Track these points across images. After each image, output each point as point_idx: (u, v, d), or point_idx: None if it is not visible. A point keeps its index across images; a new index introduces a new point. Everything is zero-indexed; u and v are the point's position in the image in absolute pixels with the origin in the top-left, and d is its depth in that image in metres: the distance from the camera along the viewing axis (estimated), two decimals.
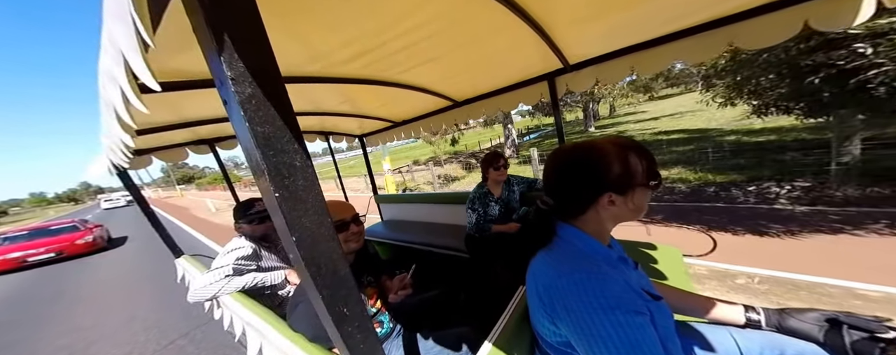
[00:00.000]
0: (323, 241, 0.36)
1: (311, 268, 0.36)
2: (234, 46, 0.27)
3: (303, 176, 0.33)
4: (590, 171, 0.61)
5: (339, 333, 0.40)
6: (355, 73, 1.42)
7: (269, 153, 0.30)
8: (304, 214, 0.34)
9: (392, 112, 2.32)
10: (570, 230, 0.65)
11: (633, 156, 0.59)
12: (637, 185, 0.59)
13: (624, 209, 0.61)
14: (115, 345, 2.82)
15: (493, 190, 1.91)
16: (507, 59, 1.49)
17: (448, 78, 1.68)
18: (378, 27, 1.03)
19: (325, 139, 2.68)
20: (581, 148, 0.63)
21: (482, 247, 1.87)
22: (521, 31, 1.17)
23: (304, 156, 0.33)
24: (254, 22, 0.28)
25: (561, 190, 0.66)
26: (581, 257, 0.60)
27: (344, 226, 1.01)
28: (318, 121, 2.32)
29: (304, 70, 1.28)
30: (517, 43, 1.28)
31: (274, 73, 0.30)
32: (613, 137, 0.62)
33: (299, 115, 1.98)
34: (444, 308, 1.39)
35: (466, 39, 1.22)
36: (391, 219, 3.22)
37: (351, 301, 0.40)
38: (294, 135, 0.32)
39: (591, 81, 1.50)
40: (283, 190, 0.31)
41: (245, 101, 0.28)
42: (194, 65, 0.97)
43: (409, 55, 1.30)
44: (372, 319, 1.06)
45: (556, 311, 0.56)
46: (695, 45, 1.16)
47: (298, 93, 1.56)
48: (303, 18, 0.89)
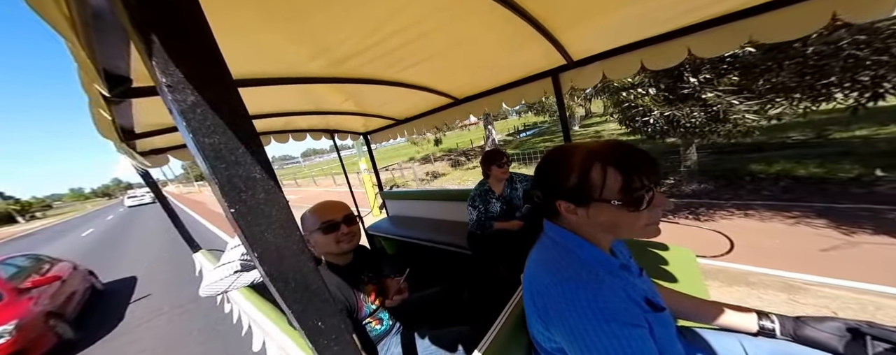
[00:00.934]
0: (290, 256, 0.33)
1: (278, 284, 0.33)
2: (168, 49, 0.23)
3: (263, 188, 0.30)
4: (548, 175, 0.60)
5: (315, 347, 0.38)
6: (354, 72, 1.39)
7: (220, 166, 0.27)
8: (267, 229, 0.31)
9: (394, 110, 2.29)
10: (560, 231, 0.62)
11: (599, 168, 0.53)
12: (594, 200, 0.54)
13: (588, 221, 0.58)
14: None
15: (495, 187, 1.87)
16: (508, 56, 1.42)
17: (447, 76, 1.63)
18: (375, 25, 0.99)
19: (331, 137, 2.67)
20: (557, 150, 0.61)
21: (484, 245, 1.84)
22: (521, 29, 1.11)
23: (263, 167, 0.30)
24: (193, 19, 0.25)
25: (538, 183, 0.65)
26: (578, 264, 0.57)
27: (334, 227, 0.98)
28: (322, 119, 2.31)
29: (303, 70, 1.25)
30: (517, 40, 1.22)
31: (221, 76, 0.27)
32: (604, 143, 0.57)
33: (303, 115, 1.98)
34: (445, 305, 1.37)
35: (464, 37, 1.17)
36: (397, 215, 3.21)
37: (325, 313, 0.38)
38: (251, 145, 0.29)
39: (596, 77, 1.42)
40: (240, 204, 0.29)
41: (187, 111, 0.25)
42: None
43: (406, 54, 1.25)
44: (372, 316, 1.06)
45: (550, 318, 0.54)
46: (710, 38, 1.07)
47: (301, 92, 1.54)
48: (300, 19, 0.86)
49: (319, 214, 0.99)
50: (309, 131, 2.50)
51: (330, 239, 0.97)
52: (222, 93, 0.27)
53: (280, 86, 1.29)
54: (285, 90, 1.40)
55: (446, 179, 9.29)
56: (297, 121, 2.15)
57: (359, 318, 1.00)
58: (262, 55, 1.04)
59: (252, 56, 1.03)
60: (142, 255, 6.70)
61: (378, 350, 1.06)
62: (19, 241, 17.62)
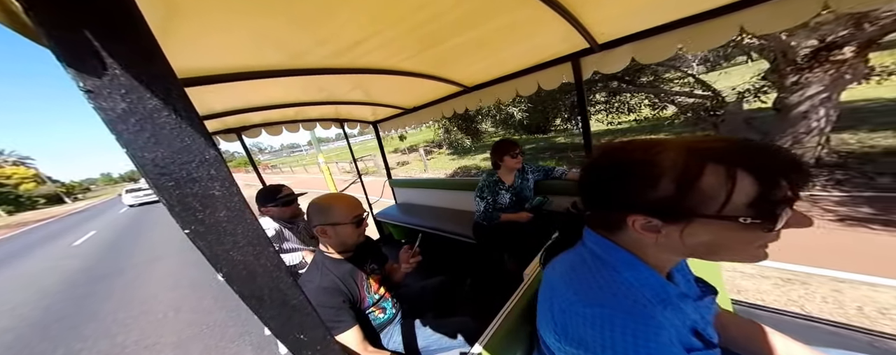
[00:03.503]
0: (263, 273, 0.29)
1: (252, 302, 0.30)
2: (84, 47, 0.18)
3: (226, 205, 0.26)
4: (614, 180, 0.44)
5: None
6: (359, 61, 1.32)
7: (168, 184, 0.22)
8: (233, 248, 0.27)
9: (403, 99, 2.22)
10: (606, 246, 0.48)
11: (720, 173, 0.36)
12: (700, 216, 0.38)
13: (669, 242, 0.41)
14: None
15: (505, 177, 1.79)
16: (523, 42, 1.30)
17: (456, 64, 1.53)
18: (379, 11, 0.91)
19: (340, 126, 2.63)
20: (629, 146, 0.44)
21: (490, 235, 1.79)
22: (538, 10, 1.00)
23: (222, 182, 0.25)
24: (121, 10, 0.20)
25: (590, 192, 0.50)
26: (622, 288, 0.44)
27: (362, 221, 1.00)
28: (333, 109, 2.27)
29: (307, 60, 1.20)
30: (533, 23, 1.11)
31: (164, 78, 0.22)
32: (718, 138, 0.40)
33: (313, 105, 1.94)
34: (447, 295, 1.36)
35: (474, 22, 1.07)
36: (404, 203, 3.20)
37: (307, 326, 0.35)
38: (207, 158, 0.24)
39: (624, 62, 1.27)
40: (197, 224, 0.25)
41: (116, 121, 0.20)
42: (207, 61, 1.00)
43: (412, 41, 1.17)
44: (375, 305, 1.05)
45: (569, 338, 0.45)
46: (771, 12, 0.89)
47: (309, 82, 1.49)
48: (304, 5, 0.80)
49: (349, 208, 0.97)
50: (319, 120, 2.46)
51: (358, 231, 0.99)
52: (165, 96, 0.22)
53: (287, 77, 1.25)
54: (294, 80, 1.35)
55: (410, 167, 11.05)
56: (308, 110, 2.11)
57: (362, 308, 0.99)
58: (264, 44, 0.99)
59: (254, 45, 0.98)
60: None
61: (381, 338, 1.06)
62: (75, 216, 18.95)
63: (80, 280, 4.53)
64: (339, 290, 0.92)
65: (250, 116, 1.87)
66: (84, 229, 10.79)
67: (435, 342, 1.05)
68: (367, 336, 0.92)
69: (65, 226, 13.33)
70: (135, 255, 5.42)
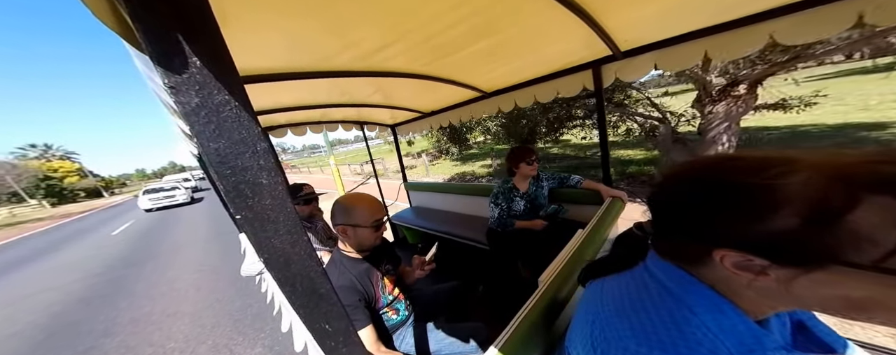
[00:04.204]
0: (297, 261, 0.31)
1: (286, 288, 0.32)
2: (172, 48, 0.21)
3: (270, 194, 0.28)
4: (715, 205, 0.32)
5: (322, 348, 0.37)
6: (382, 65, 1.36)
7: (226, 172, 0.25)
8: (274, 235, 0.29)
9: (421, 103, 2.26)
10: (681, 278, 0.38)
11: (890, 207, 0.24)
12: (844, 264, 0.26)
13: (789, 291, 0.30)
14: None
15: (520, 185, 1.77)
16: (543, 48, 1.30)
17: (475, 69, 1.54)
18: (402, 17, 0.94)
19: (361, 128, 2.71)
20: (740, 163, 0.32)
21: (503, 242, 1.78)
22: (560, 16, 0.99)
23: (272, 172, 0.28)
24: (201, 16, 0.22)
25: (665, 215, 0.40)
26: (695, 333, 0.34)
27: (382, 225, 1.01)
28: (354, 111, 2.34)
29: (334, 63, 1.25)
30: (554, 29, 1.11)
31: (228, 76, 0.24)
32: (860, 156, 0.27)
33: (337, 107, 2.01)
34: (460, 300, 1.35)
35: (495, 27, 1.08)
36: (419, 206, 3.23)
37: (332, 316, 0.36)
38: (258, 150, 0.27)
39: (646, 69, 1.25)
40: (246, 211, 0.27)
41: (190, 113, 0.23)
42: (247, 62, 1.05)
43: (434, 46, 1.19)
44: (389, 306, 1.06)
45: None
46: (804, 21, 0.85)
47: (333, 85, 1.55)
48: (330, 7, 0.83)
49: (371, 212, 0.98)
50: (342, 122, 2.54)
51: (376, 235, 1.00)
52: (231, 93, 0.24)
53: (314, 79, 1.31)
54: (320, 82, 1.40)
55: (417, 171, 11.54)
56: (332, 112, 2.19)
57: (376, 308, 1.00)
58: (297, 47, 1.04)
59: (288, 48, 1.03)
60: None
61: (393, 339, 1.06)
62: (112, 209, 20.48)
63: (118, 264, 5.10)
64: (356, 289, 0.93)
65: (277, 117, 1.96)
66: (121, 220, 11.57)
67: (447, 346, 1.05)
68: (380, 336, 0.93)
69: (104, 218, 14.27)
70: (164, 244, 5.97)
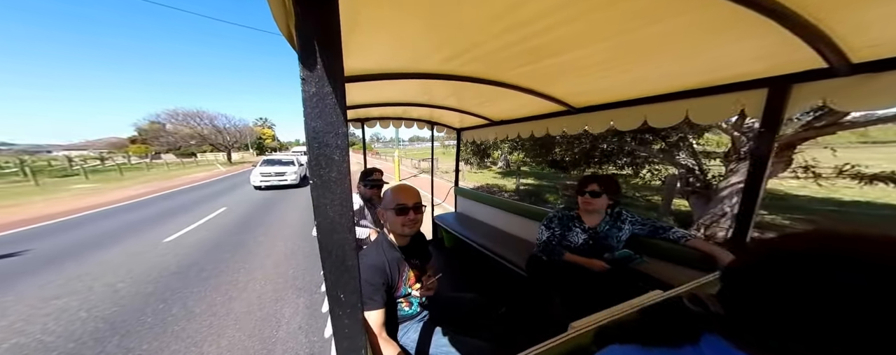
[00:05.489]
0: (340, 231, 0.38)
1: (323, 253, 0.38)
2: (310, 51, 0.30)
3: (337, 169, 0.35)
4: (855, 308, 0.24)
5: (331, 314, 0.43)
6: (462, 68, 1.31)
7: (315, 145, 0.33)
8: (330, 204, 0.36)
9: (491, 111, 2.23)
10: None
11: None
12: None
13: None
14: None
15: (585, 217, 1.50)
16: (684, 57, 0.96)
17: (563, 80, 1.35)
18: (499, 15, 0.79)
19: (431, 128, 2.87)
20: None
21: (544, 271, 1.59)
22: (732, 16, 0.68)
23: (342, 152, 0.35)
24: (332, 30, 0.30)
25: (764, 307, 0.30)
26: None
27: (404, 211, 1.01)
28: (428, 111, 2.49)
29: (423, 64, 1.28)
30: (716, 30, 0.78)
31: (337, 76, 0.32)
32: None
33: (417, 106, 2.17)
34: (477, 314, 1.31)
35: (614, 30, 0.83)
36: (464, 213, 3.24)
37: (348, 289, 0.42)
38: (339, 133, 0.34)
39: (887, 97, 0.79)
40: (318, 178, 0.34)
41: (308, 99, 0.31)
42: (358, 63, 1.15)
43: (525, 50, 1.02)
44: (405, 298, 1.08)
45: None
46: None
47: (418, 85, 1.62)
48: (438, 13, 0.77)
49: (396, 196, 1.02)
50: (417, 120, 2.75)
51: (398, 220, 1.02)
52: (334, 88, 0.32)
53: (404, 80, 1.42)
54: (409, 83, 1.49)
55: (448, 175, 11.87)
56: (411, 111, 2.39)
57: (394, 296, 1.04)
58: (399, 48, 1.05)
59: (389, 49, 1.06)
60: None
61: (399, 329, 1.09)
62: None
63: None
64: (384, 271, 0.98)
65: (371, 110, 2.26)
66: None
67: (447, 353, 1.04)
68: (387, 323, 0.94)
69: None
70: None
